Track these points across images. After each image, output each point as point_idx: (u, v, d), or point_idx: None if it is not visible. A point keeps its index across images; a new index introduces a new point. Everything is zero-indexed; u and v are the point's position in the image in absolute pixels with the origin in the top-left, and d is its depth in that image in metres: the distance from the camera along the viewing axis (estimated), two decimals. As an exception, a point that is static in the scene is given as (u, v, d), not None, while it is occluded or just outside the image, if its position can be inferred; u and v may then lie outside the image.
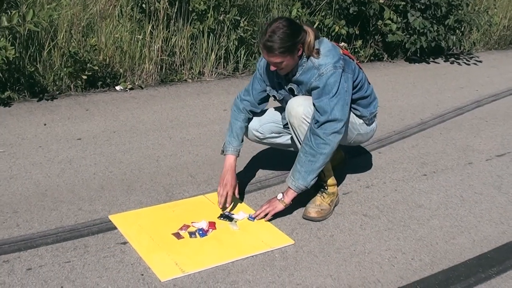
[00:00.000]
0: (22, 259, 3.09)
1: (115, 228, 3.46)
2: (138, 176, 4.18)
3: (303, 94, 3.61)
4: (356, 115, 3.81)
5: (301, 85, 3.57)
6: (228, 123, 3.86)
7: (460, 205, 4.01)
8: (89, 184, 4.02)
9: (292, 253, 3.31)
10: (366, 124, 3.88)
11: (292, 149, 3.99)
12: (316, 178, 3.52)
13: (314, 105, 3.45)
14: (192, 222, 3.52)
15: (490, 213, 3.92)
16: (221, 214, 3.63)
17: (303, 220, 3.67)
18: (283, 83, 3.67)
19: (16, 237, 3.30)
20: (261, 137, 3.90)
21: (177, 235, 3.39)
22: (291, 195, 3.55)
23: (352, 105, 3.70)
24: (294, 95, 3.65)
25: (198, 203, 3.82)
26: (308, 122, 3.49)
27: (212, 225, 3.51)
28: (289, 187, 3.55)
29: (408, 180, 4.36)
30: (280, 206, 3.58)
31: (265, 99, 3.85)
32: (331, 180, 3.77)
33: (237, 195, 3.75)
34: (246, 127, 3.86)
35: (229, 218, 3.61)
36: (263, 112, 3.89)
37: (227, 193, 3.66)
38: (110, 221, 3.53)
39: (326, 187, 3.76)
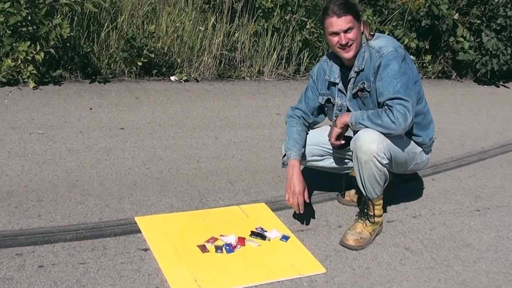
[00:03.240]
0: (35, 254, 2.98)
1: (139, 231, 3.32)
2: (174, 176, 4.04)
3: (362, 104, 3.47)
4: (417, 143, 3.60)
5: (362, 75, 3.41)
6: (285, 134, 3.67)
7: (511, 249, 3.72)
8: (122, 179, 3.90)
9: (322, 283, 3.10)
10: (425, 152, 3.69)
11: (336, 172, 3.82)
12: (363, 127, 3.32)
13: (376, 89, 3.34)
14: (220, 235, 3.35)
15: (543, 263, 3.64)
16: (252, 232, 3.44)
17: (339, 247, 3.46)
18: (336, 87, 3.55)
19: (35, 228, 3.20)
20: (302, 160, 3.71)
21: (203, 248, 3.22)
22: (344, 117, 3.40)
23: (412, 130, 3.52)
24: (348, 110, 3.50)
25: (231, 214, 3.65)
26: (379, 162, 3.29)
27: (241, 241, 3.32)
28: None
29: (459, 214, 4.10)
30: (335, 130, 3.43)
31: (317, 110, 3.70)
32: (378, 211, 3.56)
33: (307, 200, 3.51)
34: (305, 133, 3.67)
35: (261, 236, 3.41)
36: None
37: (298, 202, 3.46)
38: (136, 223, 3.39)
39: (372, 218, 3.54)
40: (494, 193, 4.54)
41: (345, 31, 3.31)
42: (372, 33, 3.46)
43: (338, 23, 3.30)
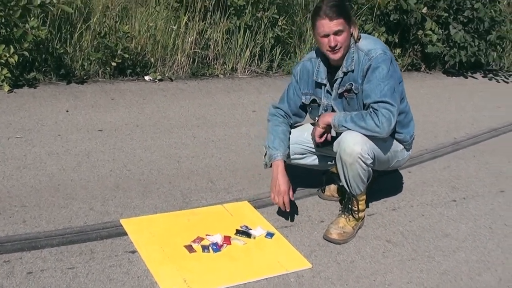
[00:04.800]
0: (24, 261, 2.96)
1: (125, 234, 3.31)
2: (156, 177, 4.04)
3: (346, 104, 3.50)
4: (398, 140, 3.64)
5: (350, 76, 3.43)
6: (267, 134, 3.69)
7: (489, 237, 3.81)
8: (104, 181, 3.88)
9: (309, 278, 3.13)
10: (406, 149, 3.74)
11: (317, 168, 3.88)
12: (346, 129, 3.35)
13: (363, 90, 3.37)
14: (206, 235, 3.36)
15: (519, 249, 3.73)
16: (237, 230, 3.46)
17: (323, 242, 3.50)
18: (324, 88, 3.55)
19: (21, 234, 3.17)
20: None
21: (189, 248, 3.23)
22: (326, 117, 3.45)
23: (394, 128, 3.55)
24: (332, 110, 3.54)
25: (215, 213, 3.66)
26: (364, 163, 3.33)
27: (227, 239, 3.34)
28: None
29: (436, 205, 4.18)
30: (317, 129, 3.49)
31: (299, 111, 3.71)
32: (362, 206, 3.61)
33: (292, 198, 3.56)
34: (289, 133, 3.69)
35: (246, 234, 3.43)
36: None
37: (283, 201, 3.50)
38: (121, 225, 3.38)
39: (356, 213, 3.59)
40: (469, 183, 4.62)
41: (335, 33, 3.30)
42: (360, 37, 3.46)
43: (329, 25, 3.29)
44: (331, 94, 3.53)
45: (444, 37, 7.84)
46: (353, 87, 3.42)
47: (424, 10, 7.49)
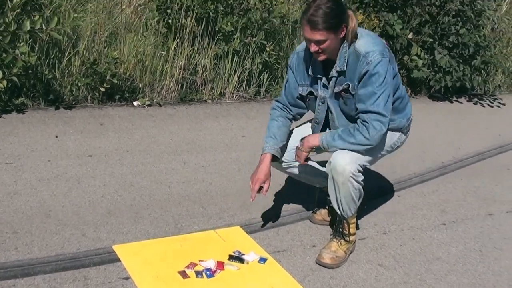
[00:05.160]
0: (17, 288, 2.94)
1: (118, 260, 3.29)
2: (148, 202, 4.03)
3: (343, 103, 3.46)
4: (394, 129, 3.63)
5: (346, 76, 3.37)
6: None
7: (479, 260, 3.85)
8: (95, 207, 3.86)
9: (303, 304, 3.14)
10: (403, 133, 3.76)
11: (311, 182, 3.91)
12: (336, 149, 3.36)
13: (358, 94, 3.34)
14: (199, 260, 3.35)
15: (509, 272, 3.75)
16: (230, 256, 3.45)
17: (316, 266, 3.51)
18: (320, 83, 3.50)
19: (13, 261, 3.15)
20: (285, 166, 3.75)
21: (183, 274, 3.21)
22: (312, 140, 3.46)
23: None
24: (328, 108, 3.52)
25: (208, 238, 3.66)
26: (355, 181, 3.35)
27: (220, 265, 3.33)
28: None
29: (426, 228, 4.21)
30: (302, 154, 3.49)
31: (297, 102, 3.67)
32: (353, 229, 3.62)
33: (264, 193, 3.56)
34: (286, 128, 3.67)
35: (239, 259, 3.43)
36: (291, 131, 3.75)
37: (253, 188, 3.53)
38: (114, 251, 3.37)
39: (347, 237, 3.60)
40: (457, 206, 4.66)
41: (316, 43, 3.23)
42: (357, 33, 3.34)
43: (310, 34, 3.21)
44: (327, 88, 3.47)
45: (430, 62, 7.90)
46: (350, 88, 3.37)
47: (410, 35, 7.56)
